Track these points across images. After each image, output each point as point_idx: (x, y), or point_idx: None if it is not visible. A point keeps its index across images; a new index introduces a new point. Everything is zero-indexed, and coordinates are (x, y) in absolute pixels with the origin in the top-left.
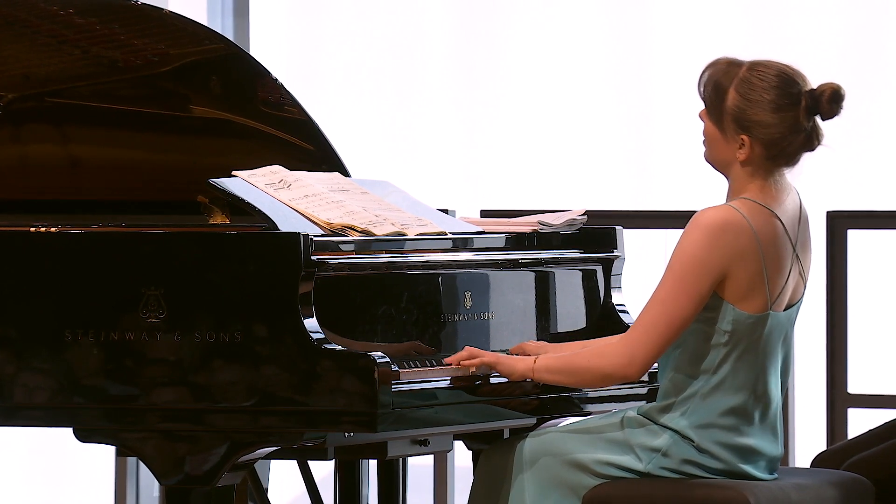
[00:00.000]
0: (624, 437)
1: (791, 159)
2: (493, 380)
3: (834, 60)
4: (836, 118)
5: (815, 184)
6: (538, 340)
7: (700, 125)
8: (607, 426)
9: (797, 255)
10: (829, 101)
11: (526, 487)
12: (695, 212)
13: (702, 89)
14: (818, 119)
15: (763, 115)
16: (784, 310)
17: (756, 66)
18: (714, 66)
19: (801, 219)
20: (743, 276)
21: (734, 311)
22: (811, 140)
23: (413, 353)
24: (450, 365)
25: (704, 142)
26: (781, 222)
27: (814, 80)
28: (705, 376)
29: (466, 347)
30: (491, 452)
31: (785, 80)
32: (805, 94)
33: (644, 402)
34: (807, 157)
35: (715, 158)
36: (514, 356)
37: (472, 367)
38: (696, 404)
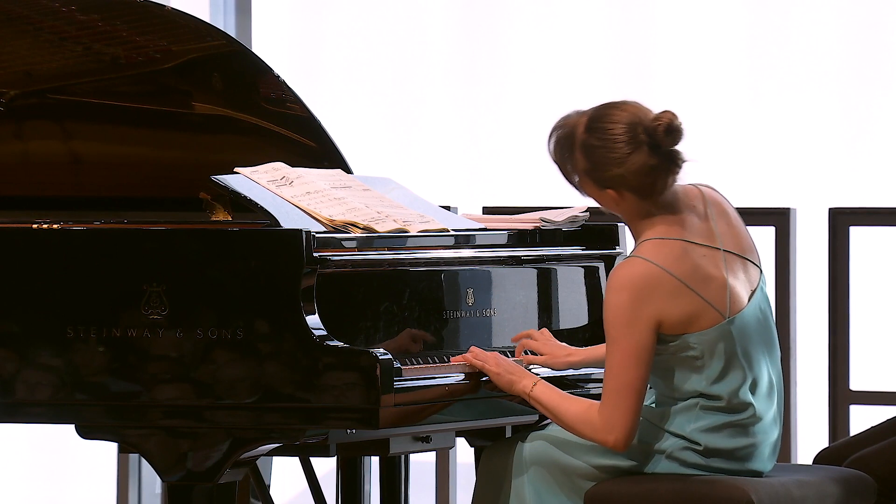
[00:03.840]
0: None
1: (663, 189)
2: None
3: (834, 60)
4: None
5: (818, 181)
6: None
7: (699, 123)
8: None
9: (725, 252)
10: (665, 134)
11: (526, 487)
12: None
13: (552, 157)
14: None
15: (613, 170)
16: (744, 307)
17: (593, 125)
18: (557, 130)
19: (708, 206)
20: (678, 310)
21: (690, 336)
22: (671, 169)
23: (412, 346)
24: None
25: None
26: (692, 242)
27: (814, 81)
28: (696, 396)
29: (471, 348)
30: (492, 452)
31: (623, 130)
32: (643, 134)
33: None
34: (807, 156)
35: (610, 210)
36: (515, 369)
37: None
38: (695, 413)
